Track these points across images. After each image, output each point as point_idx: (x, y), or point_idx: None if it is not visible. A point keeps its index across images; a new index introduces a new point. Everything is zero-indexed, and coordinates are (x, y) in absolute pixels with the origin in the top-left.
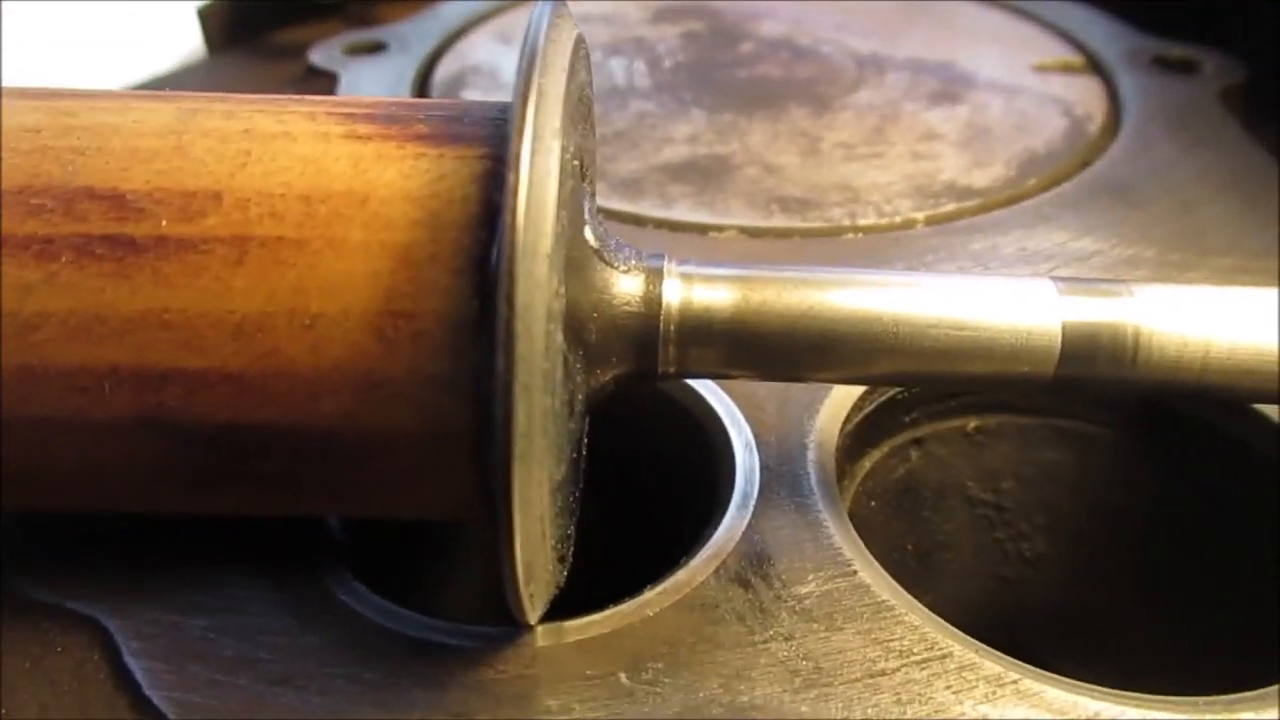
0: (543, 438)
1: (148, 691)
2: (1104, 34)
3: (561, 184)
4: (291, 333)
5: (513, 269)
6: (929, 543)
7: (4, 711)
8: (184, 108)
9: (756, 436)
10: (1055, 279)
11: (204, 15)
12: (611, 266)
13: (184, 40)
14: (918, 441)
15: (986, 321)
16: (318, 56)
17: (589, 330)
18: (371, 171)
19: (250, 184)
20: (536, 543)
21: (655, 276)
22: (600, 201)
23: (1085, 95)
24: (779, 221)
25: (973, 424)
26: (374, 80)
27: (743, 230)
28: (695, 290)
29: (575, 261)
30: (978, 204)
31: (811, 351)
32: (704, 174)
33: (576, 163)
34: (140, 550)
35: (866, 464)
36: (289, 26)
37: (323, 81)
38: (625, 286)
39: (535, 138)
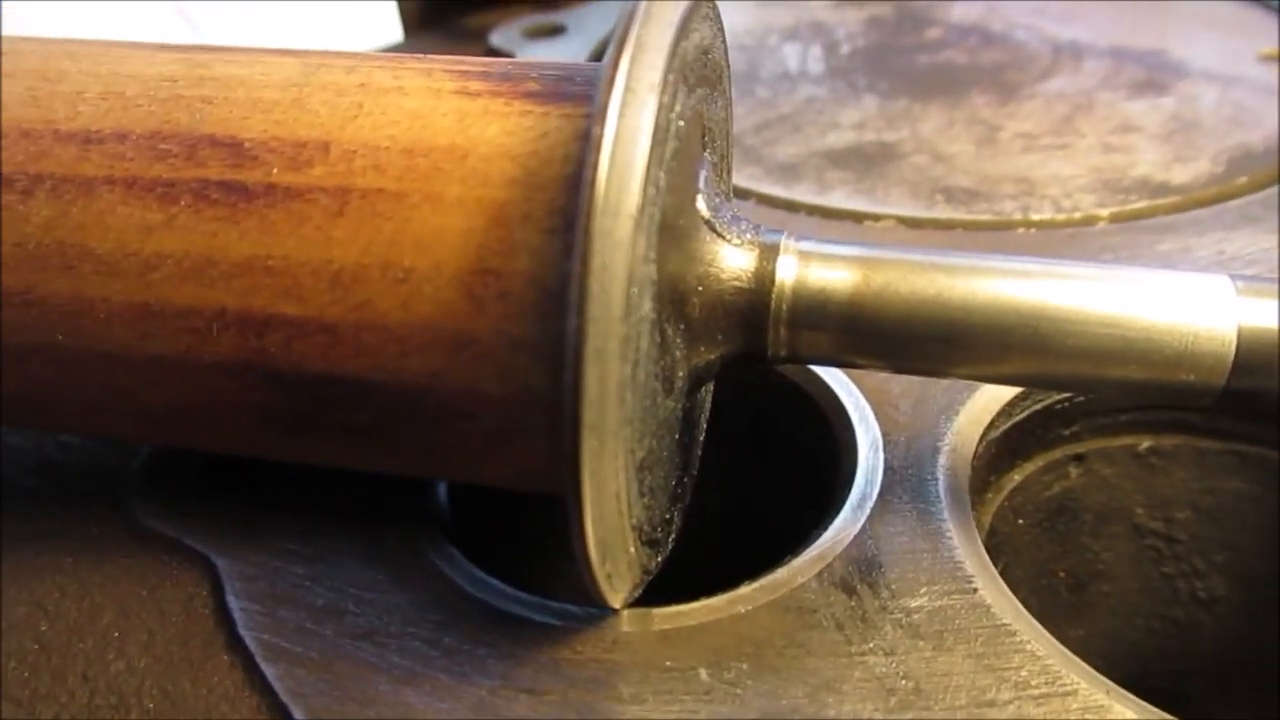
0: (618, 407)
1: (240, 630)
2: None
3: (658, 142)
4: (385, 286)
5: (589, 225)
6: (1085, 571)
7: (116, 634)
8: (309, 62)
9: (885, 435)
10: (1234, 276)
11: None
12: (723, 239)
13: (384, 24)
14: (1079, 458)
15: (1144, 320)
16: (497, 39)
17: (692, 304)
18: (475, 127)
19: (358, 136)
20: (612, 519)
21: (770, 252)
22: (753, 185)
23: None
24: (942, 212)
25: (1145, 444)
26: None
27: (901, 220)
28: (812, 269)
29: (681, 230)
30: (1173, 201)
31: (936, 342)
32: (867, 161)
33: (682, 123)
34: (255, 494)
35: (1016, 477)
36: (480, 10)
37: None
38: (736, 261)
39: (627, 90)
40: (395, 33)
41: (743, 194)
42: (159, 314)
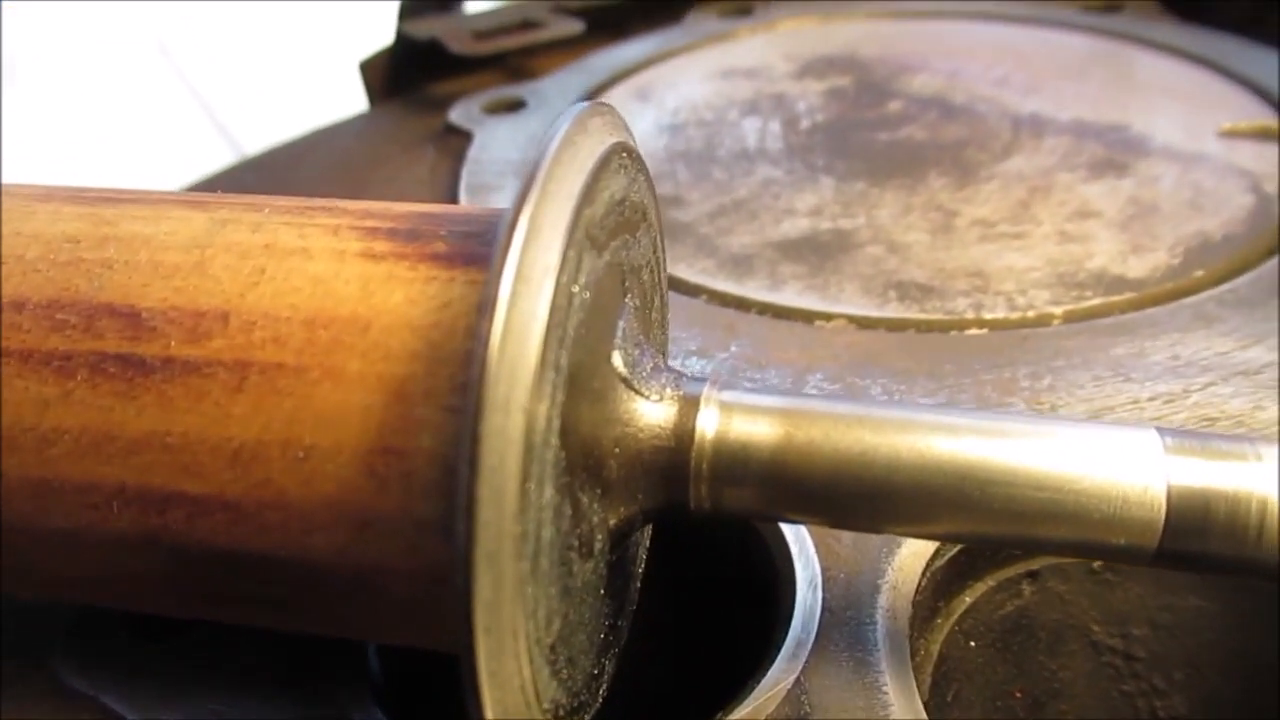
0: (516, 605)
1: None
2: None
3: (556, 324)
4: (285, 464)
5: (477, 426)
6: (1042, 690)
7: None
8: (216, 218)
9: (825, 571)
10: (1162, 430)
11: (365, 68)
12: (640, 395)
13: (349, 95)
14: (1032, 575)
15: (1073, 481)
16: (456, 115)
17: (609, 467)
18: (378, 295)
19: (259, 305)
20: (518, 712)
21: (690, 406)
22: (704, 280)
23: None
24: (894, 311)
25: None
26: (507, 140)
27: (852, 320)
28: (734, 422)
29: (595, 393)
30: (1129, 298)
31: (861, 501)
32: (821, 252)
33: (588, 294)
34: (181, 644)
35: (967, 598)
36: (446, 78)
37: (459, 139)
38: (654, 418)
39: (519, 278)
40: (360, 103)
41: (694, 290)
42: (58, 489)
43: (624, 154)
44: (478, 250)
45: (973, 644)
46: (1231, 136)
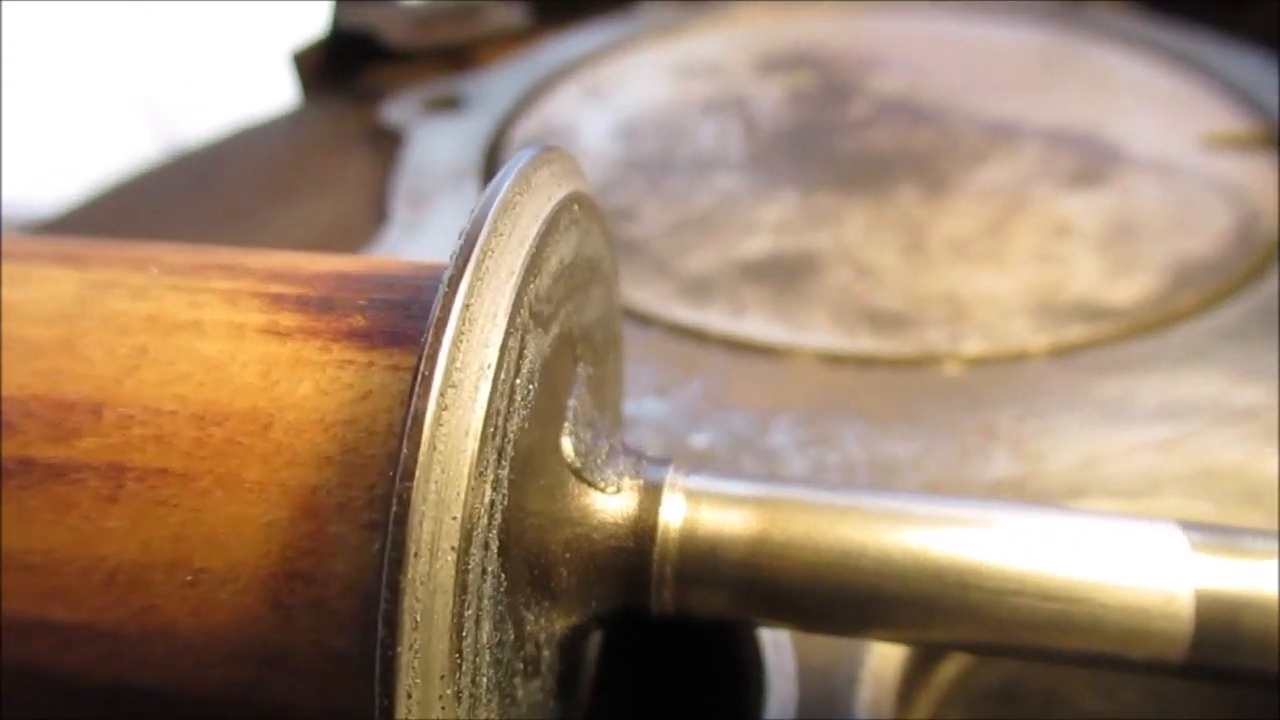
0: None
1: None
2: None
3: (490, 436)
4: (170, 589)
5: (397, 578)
6: None
7: None
8: (94, 281)
9: (800, 660)
10: (1186, 526)
11: (298, 59)
12: (594, 487)
13: (279, 88)
14: None
15: (1087, 590)
16: (394, 113)
17: (558, 575)
18: (283, 384)
19: (139, 395)
20: None
21: (652, 496)
22: (662, 309)
23: (1265, 180)
24: (865, 344)
25: None
26: (444, 142)
27: (820, 355)
28: (702, 514)
29: (542, 490)
30: (1114, 329)
31: (845, 607)
32: (786, 275)
33: (533, 386)
34: None
35: (951, 669)
36: (383, 68)
37: (394, 137)
38: (610, 514)
39: (447, 386)
40: (291, 96)
41: (649, 320)
42: None
43: (575, 206)
44: (403, 325)
45: (958, 718)
46: (1213, 145)
